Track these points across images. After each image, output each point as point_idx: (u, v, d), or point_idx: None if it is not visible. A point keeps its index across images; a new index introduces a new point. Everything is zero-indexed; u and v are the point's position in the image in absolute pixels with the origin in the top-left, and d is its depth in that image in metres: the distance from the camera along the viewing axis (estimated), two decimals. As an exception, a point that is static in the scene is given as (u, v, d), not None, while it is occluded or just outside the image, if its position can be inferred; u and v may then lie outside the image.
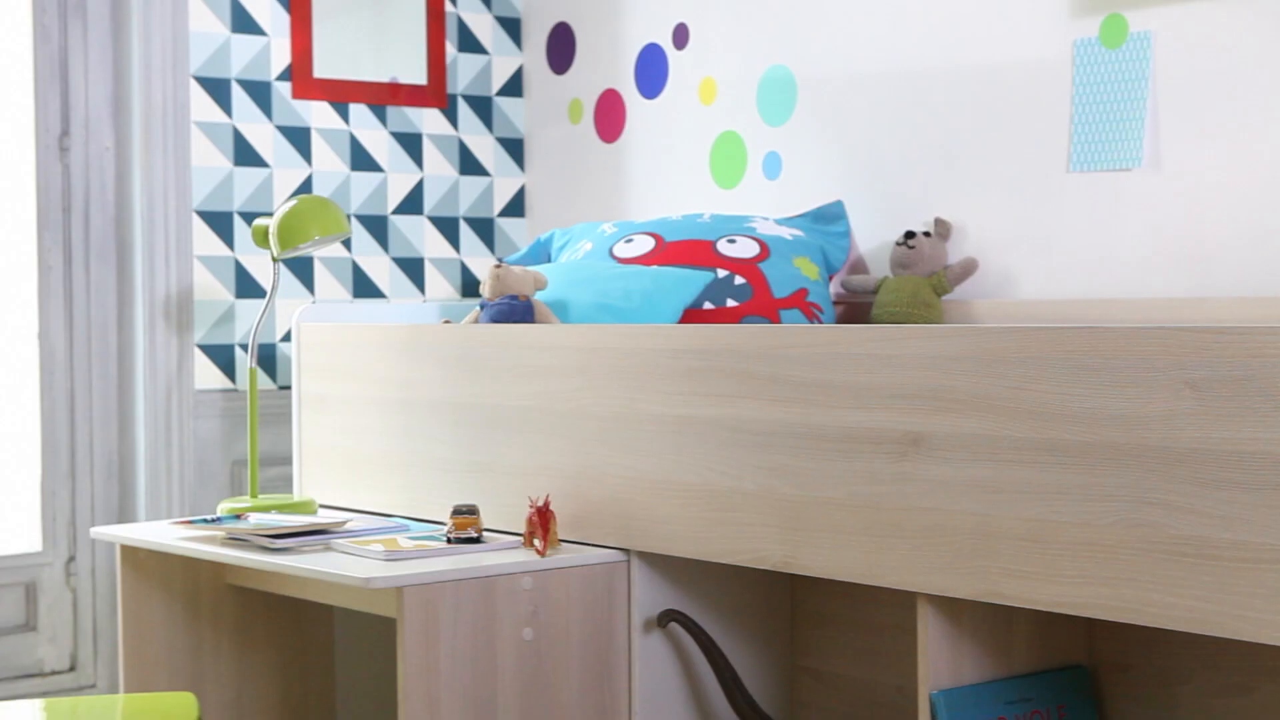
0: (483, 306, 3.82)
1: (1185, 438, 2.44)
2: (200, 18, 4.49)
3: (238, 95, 4.54)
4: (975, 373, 2.71)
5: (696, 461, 3.18)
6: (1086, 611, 2.57)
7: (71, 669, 4.38)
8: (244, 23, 4.55)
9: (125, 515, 4.41)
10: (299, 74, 4.63)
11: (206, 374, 4.48)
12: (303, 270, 4.61)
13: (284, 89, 4.62)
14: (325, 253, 4.64)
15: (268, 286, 4.52)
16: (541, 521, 3.34)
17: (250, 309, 4.50)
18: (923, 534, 2.79)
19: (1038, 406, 2.62)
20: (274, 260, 4.12)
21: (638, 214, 4.68)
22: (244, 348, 4.50)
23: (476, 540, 3.42)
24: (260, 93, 4.58)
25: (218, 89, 4.51)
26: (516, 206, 5.03)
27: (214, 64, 4.51)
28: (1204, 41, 3.53)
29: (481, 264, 4.92)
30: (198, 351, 4.45)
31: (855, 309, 4.11)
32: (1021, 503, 2.65)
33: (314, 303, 4.59)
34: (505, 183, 5.01)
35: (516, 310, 3.75)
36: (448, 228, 4.90)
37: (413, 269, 4.82)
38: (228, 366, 4.50)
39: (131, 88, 4.40)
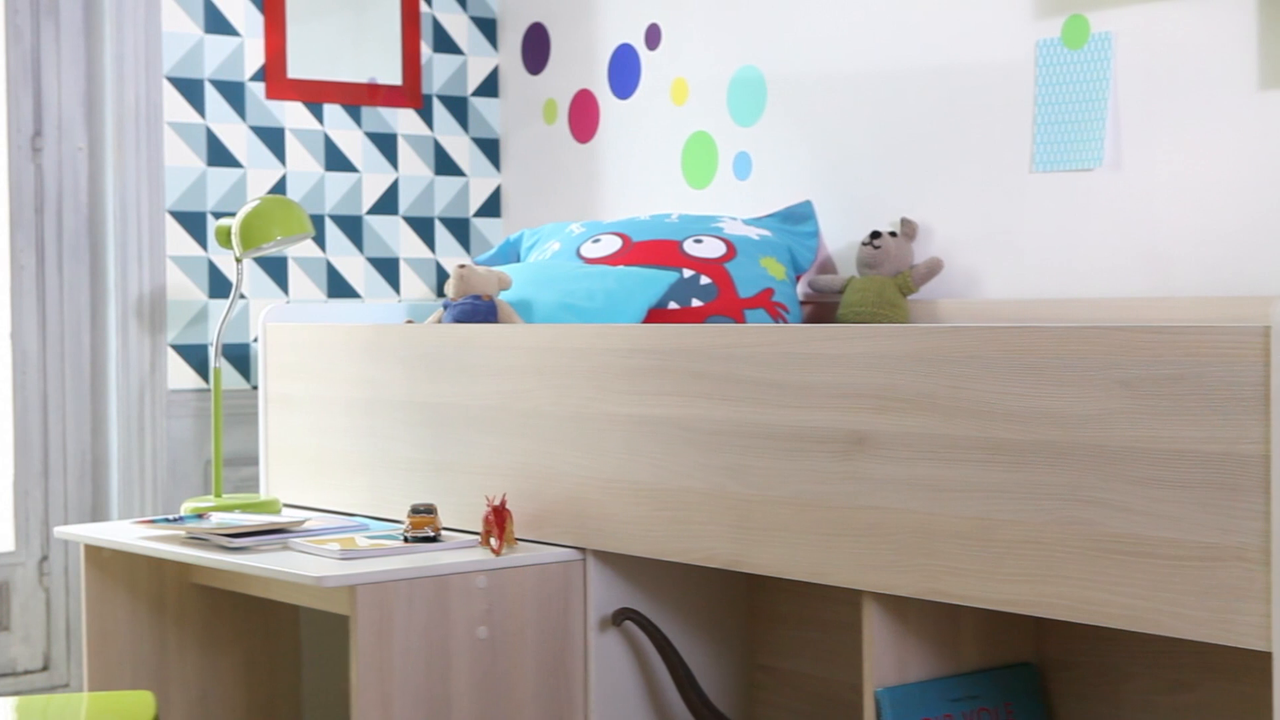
0: (446, 306, 3.83)
1: (1119, 436, 2.45)
2: (173, 18, 4.50)
3: (211, 96, 4.56)
4: (918, 372, 2.72)
5: (650, 461, 3.19)
6: (1025, 609, 2.58)
7: (45, 668, 4.39)
8: (217, 23, 4.56)
9: (99, 515, 4.42)
10: (273, 74, 4.65)
11: (180, 374, 4.49)
12: (276, 270, 4.62)
13: (258, 89, 4.63)
14: (299, 253, 4.66)
15: (240, 287, 4.54)
16: (497, 520, 3.35)
17: (223, 309, 4.51)
18: (868, 532, 2.80)
19: (978, 405, 2.63)
20: (237, 260, 4.13)
21: (612, 214, 4.69)
22: (217, 347, 4.52)
23: (434, 539, 3.43)
24: (234, 93, 4.59)
25: (191, 89, 4.52)
26: (492, 206, 5.04)
27: (187, 64, 4.52)
28: (1163, 42, 3.54)
29: (457, 264, 4.93)
30: (171, 351, 4.47)
31: (823, 309, 4.12)
32: (963, 501, 2.66)
33: (288, 303, 4.61)
34: (481, 183, 5.02)
35: (480, 310, 3.77)
36: (423, 228, 4.91)
37: (387, 269, 4.83)
38: (201, 366, 4.51)
39: (104, 88, 4.41)
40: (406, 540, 3.42)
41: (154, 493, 4.41)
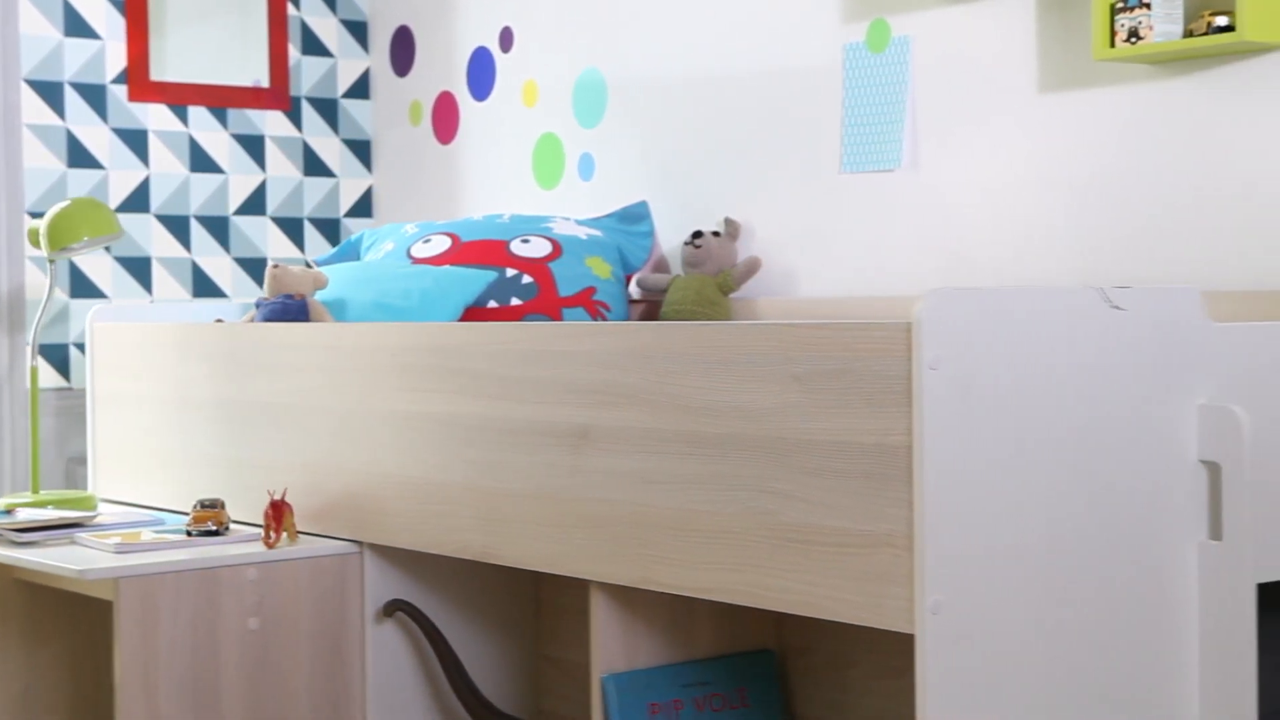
0: (259, 305, 3.89)
1: (794, 429, 2.50)
2: (31, 21, 4.56)
3: (71, 98, 4.62)
4: (632, 368, 2.77)
5: (416, 456, 3.24)
6: (719, 596, 2.63)
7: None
8: (77, 26, 4.63)
9: (-43, 511, 4.49)
10: (135, 77, 4.71)
11: (40, 372, 4.55)
12: (140, 271, 4.69)
13: (120, 92, 4.70)
14: (164, 253, 4.72)
15: (103, 286, 4.61)
16: (275, 515, 3.41)
17: (84, 309, 4.58)
18: (592, 523, 2.86)
19: (681, 400, 2.69)
20: (50, 261, 4.18)
21: (472, 214, 4.75)
22: (78, 347, 4.59)
23: (217, 533, 3.48)
24: (95, 96, 4.66)
25: (50, 92, 4.59)
26: (364, 207, 5.10)
27: (46, 67, 4.58)
28: (954, 46, 3.58)
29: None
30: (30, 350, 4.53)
31: (654, 307, 4.17)
32: (669, 493, 2.71)
33: (152, 302, 4.68)
34: (351, 183, 5.09)
35: (290, 309, 3.82)
36: (291, 228, 4.97)
37: (254, 269, 4.89)
38: (62, 365, 4.58)
39: (-39, 91, 4.48)
40: (190, 534, 3.48)
41: (14, 490, 4.47)
